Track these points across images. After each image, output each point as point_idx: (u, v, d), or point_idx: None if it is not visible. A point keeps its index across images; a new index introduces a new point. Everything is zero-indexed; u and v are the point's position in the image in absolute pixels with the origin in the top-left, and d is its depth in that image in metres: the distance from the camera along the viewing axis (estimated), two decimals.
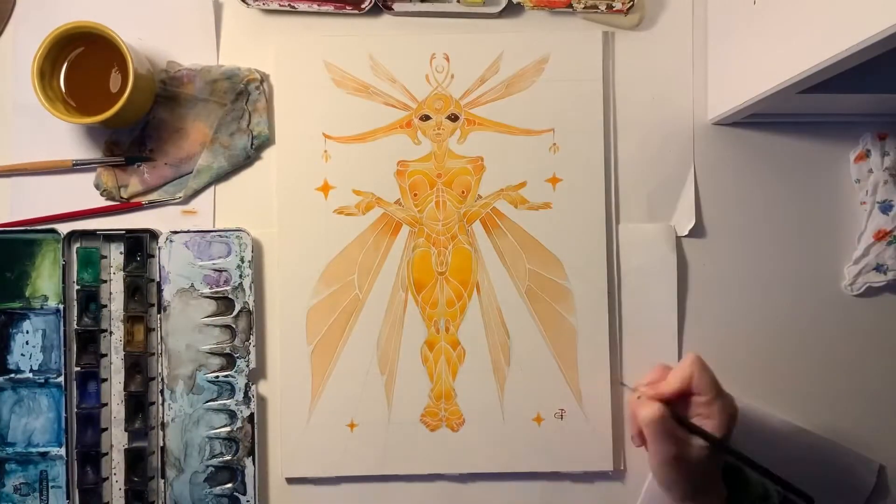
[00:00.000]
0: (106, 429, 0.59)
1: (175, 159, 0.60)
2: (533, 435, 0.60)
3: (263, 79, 0.61)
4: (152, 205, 0.60)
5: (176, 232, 0.60)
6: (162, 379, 0.59)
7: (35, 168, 0.60)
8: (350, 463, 0.60)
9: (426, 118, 0.61)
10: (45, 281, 0.59)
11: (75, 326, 0.59)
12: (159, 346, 0.59)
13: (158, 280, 0.59)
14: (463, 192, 0.61)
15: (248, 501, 0.59)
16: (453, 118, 0.61)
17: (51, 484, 0.59)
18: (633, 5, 0.61)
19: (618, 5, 0.62)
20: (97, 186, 0.60)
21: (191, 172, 0.60)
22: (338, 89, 0.61)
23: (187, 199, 0.61)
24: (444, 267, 0.61)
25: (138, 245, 0.59)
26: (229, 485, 0.59)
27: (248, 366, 0.59)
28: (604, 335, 0.61)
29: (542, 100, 0.61)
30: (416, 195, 0.61)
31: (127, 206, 0.60)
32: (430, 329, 0.61)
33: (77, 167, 0.60)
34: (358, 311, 0.61)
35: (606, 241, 0.61)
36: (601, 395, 0.61)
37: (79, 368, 0.59)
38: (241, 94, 0.60)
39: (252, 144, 0.60)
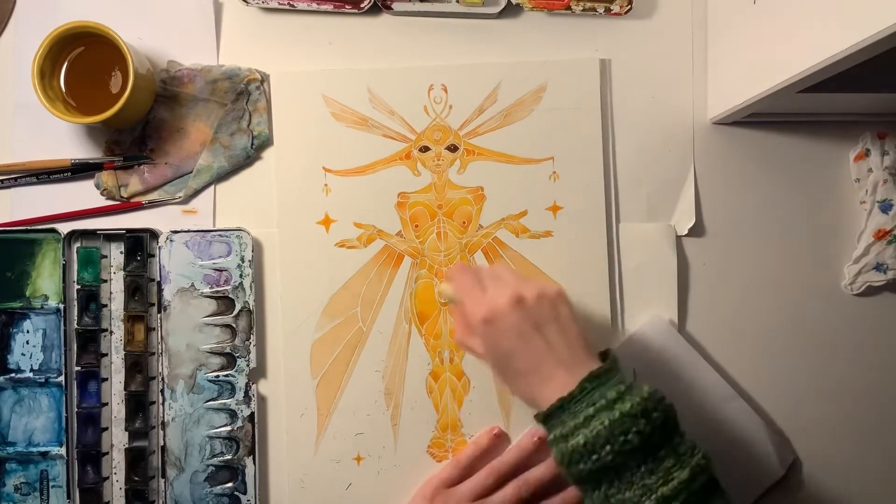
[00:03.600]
0: (106, 428, 0.59)
1: (175, 159, 0.60)
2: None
3: (264, 79, 0.61)
4: (152, 204, 0.60)
5: (176, 231, 0.60)
6: (162, 378, 0.59)
7: (34, 167, 0.60)
8: (358, 497, 0.60)
9: (425, 149, 0.61)
10: (46, 280, 0.59)
11: (76, 326, 0.59)
12: (160, 346, 0.59)
13: (159, 279, 0.60)
14: (464, 223, 0.61)
15: (248, 501, 0.59)
16: (452, 149, 0.61)
17: (51, 483, 0.59)
18: (630, 7, 0.61)
19: (616, 8, 0.62)
20: (97, 186, 0.60)
21: (191, 172, 0.60)
22: (337, 123, 0.61)
23: (187, 199, 0.61)
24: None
25: (138, 244, 0.59)
26: (230, 484, 0.59)
27: (248, 365, 0.60)
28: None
29: (540, 128, 0.61)
30: (417, 226, 0.61)
31: (127, 206, 0.60)
32: (435, 360, 0.61)
33: (76, 167, 0.60)
34: (362, 343, 0.61)
35: (608, 268, 0.61)
36: None
37: (79, 368, 0.59)
38: (242, 94, 0.60)
39: (252, 144, 0.60)
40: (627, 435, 0.44)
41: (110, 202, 0.61)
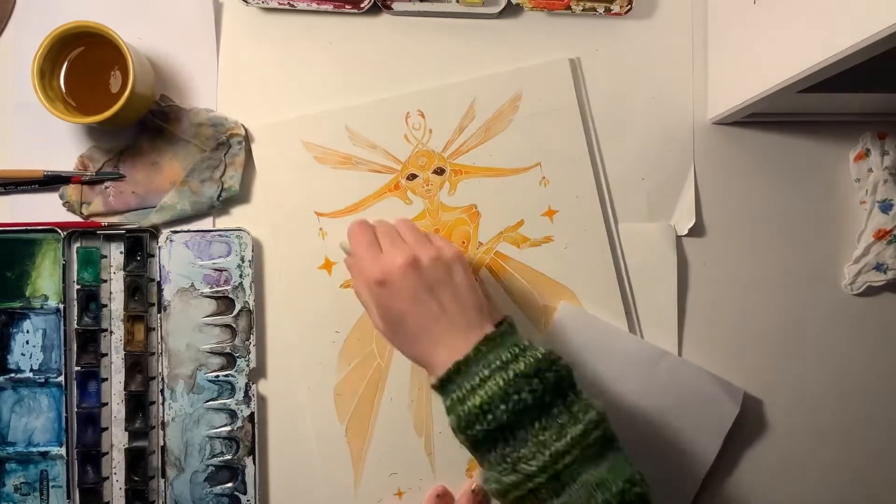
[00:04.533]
0: (106, 428, 0.59)
1: (143, 189, 0.60)
2: None
3: (248, 135, 0.61)
4: (111, 227, 0.59)
5: (176, 231, 0.60)
6: (162, 378, 0.59)
7: (6, 177, 0.60)
8: None
9: (413, 177, 0.61)
10: (46, 280, 0.59)
11: (75, 326, 0.59)
12: (159, 346, 0.59)
13: (159, 279, 0.60)
14: (464, 242, 0.61)
15: (248, 501, 0.59)
16: (439, 172, 0.61)
17: (51, 483, 0.59)
18: (630, 7, 0.61)
19: (616, 8, 0.62)
20: (61, 197, 0.60)
21: (154, 206, 0.60)
22: (321, 166, 0.61)
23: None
24: None
25: (138, 244, 0.59)
26: (230, 484, 0.59)
27: (248, 365, 0.60)
28: None
29: (523, 137, 0.61)
30: None
31: (87, 225, 0.59)
32: None
33: (48, 178, 0.59)
34: (384, 379, 0.60)
35: (614, 262, 0.61)
36: None
37: (79, 368, 0.59)
38: (222, 145, 0.60)
39: (220, 196, 0.60)
40: (521, 394, 0.45)
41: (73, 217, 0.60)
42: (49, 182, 0.60)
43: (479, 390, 0.46)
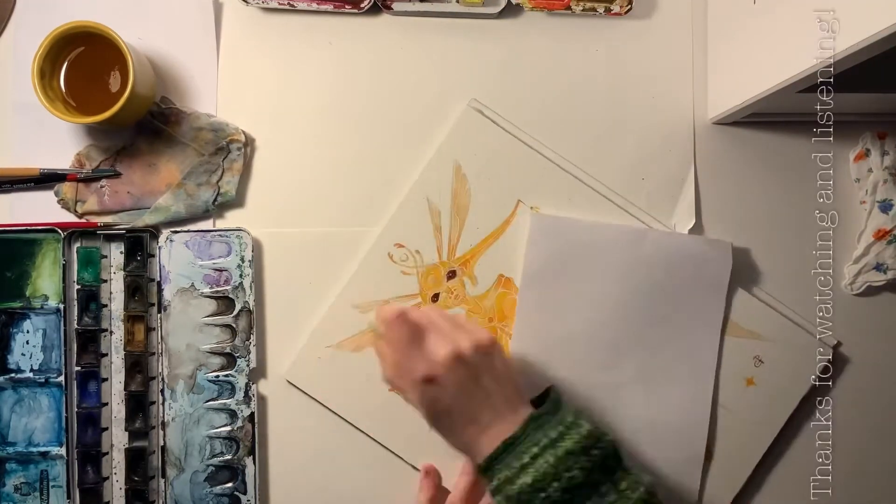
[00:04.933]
0: (106, 428, 0.59)
1: (138, 190, 0.60)
2: None
3: (248, 142, 0.61)
4: (107, 227, 0.59)
5: (176, 231, 0.60)
6: (162, 378, 0.59)
7: (2, 175, 0.60)
8: None
9: (436, 297, 0.61)
10: (46, 280, 0.59)
11: (76, 326, 0.59)
12: (160, 346, 0.59)
13: (159, 279, 0.60)
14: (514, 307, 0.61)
15: (248, 501, 0.59)
16: (452, 275, 0.61)
17: (51, 483, 0.59)
18: (630, 7, 0.61)
19: (616, 8, 0.62)
20: (56, 194, 0.60)
21: (149, 207, 0.60)
22: (342, 352, 0.60)
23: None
24: None
25: (139, 244, 0.59)
26: (230, 484, 0.59)
27: (248, 365, 0.60)
28: None
29: (488, 193, 0.61)
30: None
31: (83, 225, 0.59)
32: None
33: (44, 175, 0.59)
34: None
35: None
36: None
37: (79, 368, 0.59)
38: (221, 150, 0.60)
39: (215, 200, 0.60)
40: (572, 471, 0.45)
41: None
42: (45, 180, 0.60)
43: (529, 468, 0.46)
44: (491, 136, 0.61)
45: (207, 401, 0.59)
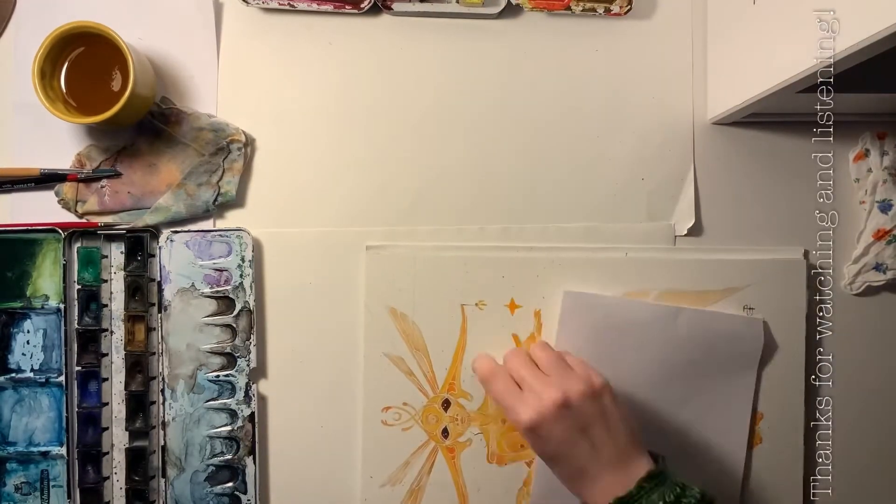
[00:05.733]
0: (107, 428, 0.59)
1: (138, 191, 0.60)
2: None
3: (248, 142, 0.61)
4: (107, 227, 0.59)
5: (177, 231, 0.60)
6: (163, 378, 0.59)
7: (2, 175, 0.59)
8: None
9: (446, 432, 0.61)
10: (46, 280, 0.59)
11: (76, 326, 0.59)
12: (160, 346, 0.59)
13: (159, 279, 0.60)
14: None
15: (248, 501, 0.59)
16: (447, 404, 0.61)
17: (52, 483, 0.59)
18: (630, 8, 0.61)
19: (616, 8, 0.62)
20: (56, 194, 0.60)
21: (149, 208, 0.60)
22: None
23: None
24: None
25: (139, 244, 0.59)
26: (230, 484, 0.59)
27: (248, 365, 0.60)
28: None
29: (431, 315, 0.60)
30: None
31: (84, 225, 0.59)
32: None
33: (45, 175, 0.59)
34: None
35: None
36: None
37: (80, 368, 0.59)
38: (222, 150, 0.60)
39: (216, 200, 0.60)
40: None
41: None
42: (46, 180, 0.60)
43: None
44: (403, 263, 0.60)
45: (208, 401, 0.59)
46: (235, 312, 0.60)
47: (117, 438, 0.60)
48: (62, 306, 0.59)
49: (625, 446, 0.49)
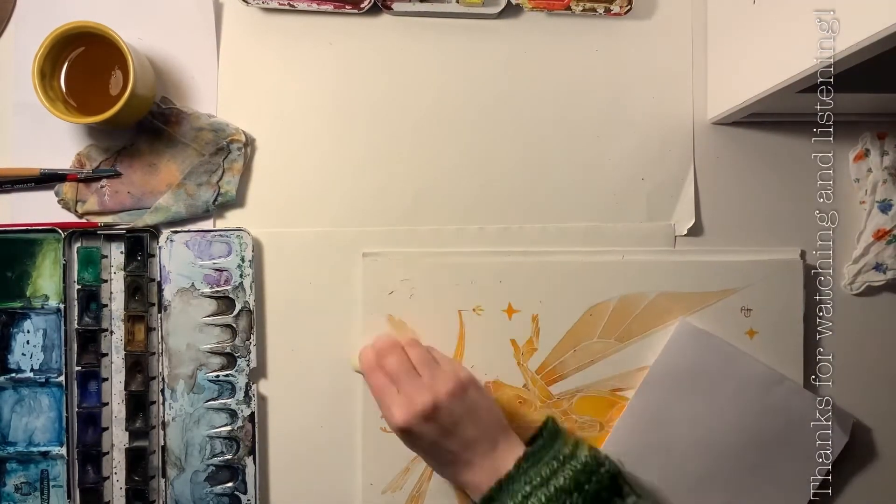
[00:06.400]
0: (107, 428, 0.59)
1: (138, 191, 0.60)
2: None
3: (248, 142, 0.61)
4: (107, 227, 0.59)
5: (177, 231, 0.60)
6: (162, 378, 0.59)
7: (2, 175, 0.59)
8: None
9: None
10: (46, 280, 0.59)
11: (76, 326, 0.59)
12: (160, 346, 0.59)
13: (159, 279, 0.60)
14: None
15: (248, 501, 0.59)
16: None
17: (52, 483, 0.59)
18: (630, 7, 0.61)
19: (616, 8, 0.62)
20: (56, 194, 0.60)
21: (149, 208, 0.60)
22: None
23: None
24: None
25: (139, 244, 0.59)
26: (230, 484, 0.59)
27: (248, 365, 0.60)
28: None
29: (429, 321, 0.60)
30: None
31: (84, 225, 0.59)
32: None
33: (45, 175, 0.59)
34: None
35: None
36: None
37: (79, 368, 0.59)
38: (222, 150, 0.60)
39: (216, 200, 0.60)
40: None
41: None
42: (46, 180, 0.60)
43: None
44: (399, 270, 0.60)
45: (208, 401, 0.59)
46: (235, 312, 0.60)
47: (117, 438, 0.60)
48: (62, 306, 0.59)
49: (494, 433, 0.52)
